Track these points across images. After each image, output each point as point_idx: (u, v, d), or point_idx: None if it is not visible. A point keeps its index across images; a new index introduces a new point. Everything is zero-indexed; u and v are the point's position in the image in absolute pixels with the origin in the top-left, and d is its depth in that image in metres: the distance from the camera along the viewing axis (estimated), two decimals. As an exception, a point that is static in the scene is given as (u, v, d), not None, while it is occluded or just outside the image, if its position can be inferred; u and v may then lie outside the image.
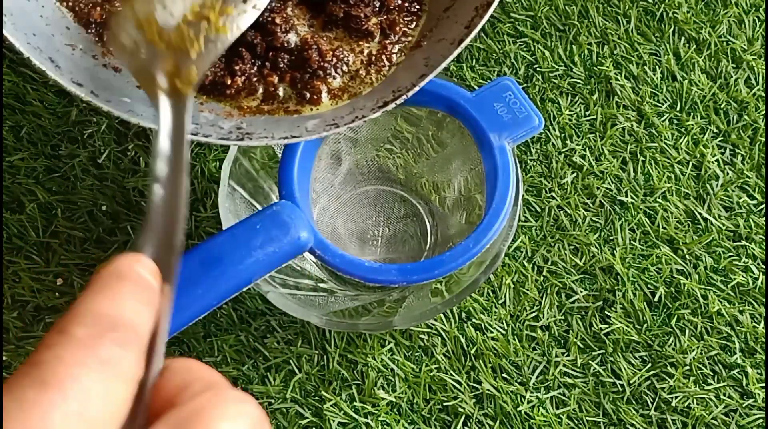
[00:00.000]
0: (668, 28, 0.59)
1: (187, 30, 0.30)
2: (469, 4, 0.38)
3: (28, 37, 0.33)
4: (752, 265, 0.51)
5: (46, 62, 0.33)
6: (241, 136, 0.35)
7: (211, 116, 0.36)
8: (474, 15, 0.37)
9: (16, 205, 0.50)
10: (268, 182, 0.47)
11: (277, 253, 0.37)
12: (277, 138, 0.35)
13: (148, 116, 0.33)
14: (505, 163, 0.42)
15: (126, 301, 0.19)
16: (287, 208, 0.39)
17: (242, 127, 0.36)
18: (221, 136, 0.34)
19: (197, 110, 0.37)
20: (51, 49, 0.34)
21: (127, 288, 0.19)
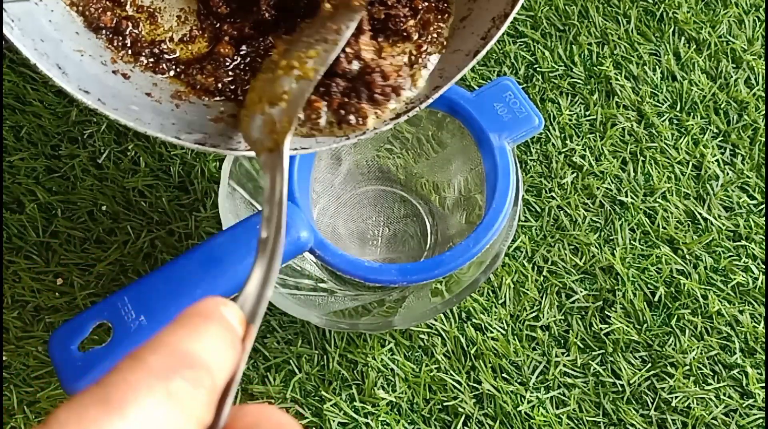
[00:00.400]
0: (668, 28, 0.59)
1: (277, 85, 0.31)
2: (485, 15, 0.38)
3: (36, 43, 0.33)
4: (752, 265, 0.51)
5: (54, 69, 0.32)
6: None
7: (221, 126, 0.36)
8: (491, 26, 0.37)
9: (16, 205, 0.50)
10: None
11: None
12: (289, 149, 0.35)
13: (155, 125, 0.33)
14: (505, 163, 0.42)
15: (207, 341, 0.19)
16: (287, 208, 0.39)
17: None
18: (230, 146, 0.34)
19: (208, 120, 0.36)
20: (59, 55, 0.34)
21: (211, 329, 0.19)
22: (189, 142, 0.33)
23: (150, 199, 0.51)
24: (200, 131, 0.34)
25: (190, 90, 0.38)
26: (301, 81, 0.31)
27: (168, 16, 0.39)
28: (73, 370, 0.34)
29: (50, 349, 0.35)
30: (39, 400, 0.45)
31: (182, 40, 0.39)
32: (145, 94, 0.36)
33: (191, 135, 0.33)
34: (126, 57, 0.37)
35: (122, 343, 0.34)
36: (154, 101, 0.36)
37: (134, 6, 0.39)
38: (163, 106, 0.36)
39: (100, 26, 0.37)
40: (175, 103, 0.36)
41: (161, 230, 0.50)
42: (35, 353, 0.47)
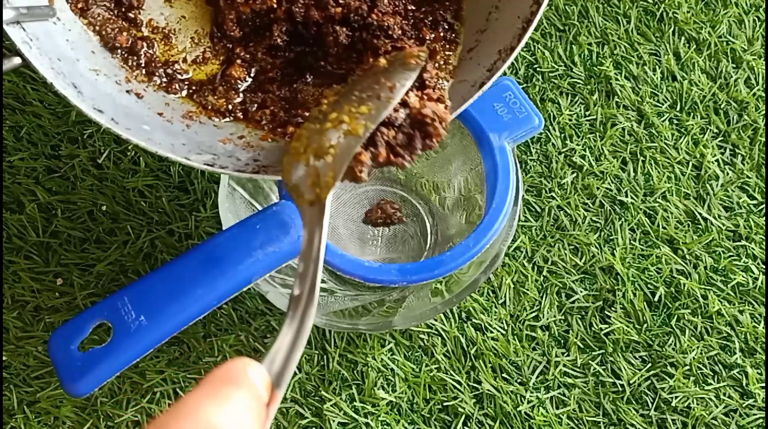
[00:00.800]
0: (668, 28, 0.59)
1: (325, 137, 0.30)
2: (492, 48, 0.38)
3: (53, 62, 0.33)
4: (752, 265, 0.51)
5: (69, 88, 0.32)
6: (257, 168, 0.34)
7: (230, 147, 0.36)
8: (497, 58, 0.37)
9: (16, 205, 0.50)
10: (268, 182, 0.47)
11: (276, 253, 0.37)
12: None
13: (165, 145, 0.33)
14: (505, 163, 0.42)
15: (232, 412, 0.18)
16: (287, 208, 0.39)
17: (259, 159, 0.35)
18: (238, 168, 0.34)
19: (218, 141, 0.36)
20: (75, 74, 0.34)
21: (237, 397, 0.19)
22: (198, 162, 0.33)
23: (150, 199, 0.51)
24: (209, 152, 0.34)
25: (201, 110, 0.38)
26: (350, 137, 0.30)
27: (182, 38, 0.40)
28: (73, 370, 0.34)
29: (50, 349, 0.35)
30: (39, 400, 0.45)
31: (195, 61, 0.40)
32: (157, 114, 0.36)
33: (201, 156, 0.34)
34: (140, 77, 0.38)
35: (122, 343, 0.34)
36: (166, 121, 0.36)
37: (150, 27, 0.39)
38: (174, 125, 0.36)
39: (116, 46, 0.37)
40: (186, 123, 0.37)
41: (161, 230, 0.50)
42: (35, 353, 0.47)
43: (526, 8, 0.36)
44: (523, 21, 0.36)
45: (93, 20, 0.37)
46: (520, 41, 0.36)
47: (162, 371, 0.46)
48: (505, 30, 0.37)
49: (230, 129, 0.38)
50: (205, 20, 0.40)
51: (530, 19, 0.36)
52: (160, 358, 0.47)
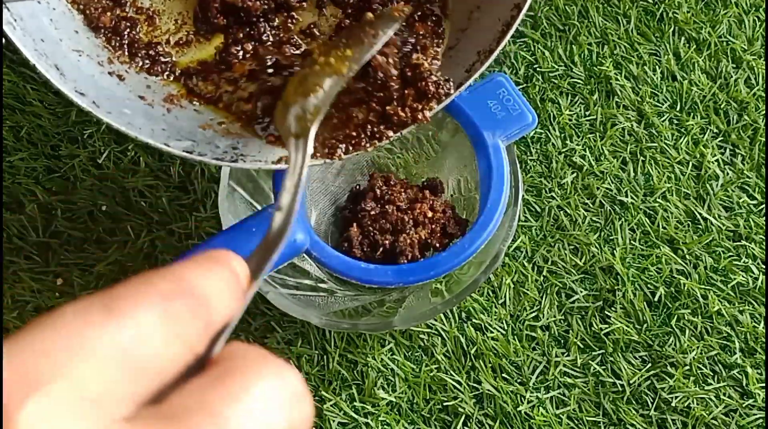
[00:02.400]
0: (668, 28, 0.59)
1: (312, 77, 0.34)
2: (471, 48, 0.38)
3: (36, 43, 0.33)
4: (752, 265, 0.51)
5: (52, 70, 0.32)
6: (236, 157, 0.35)
7: (209, 133, 0.36)
8: (475, 60, 0.37)
9: (16, 205, 0.50)
10: (268, 182, 0.47)
11: None
12: (270, 162, 0.35)
13: (146, 130, 0.33)
14: (500, 161, 0.42)
15: (214, 282, 0.19)
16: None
17: (237, 147, 0.36)
18: (216, 156, 0.34)
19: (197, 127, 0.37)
20: (58, 55, 0.34)
21: (220, 272, 0.20)
22: (177, 149, 0.33)
23: (150, 199, 0.51)
24: (189, 139, 0.34)
25: (184, 93, 0.38)
26: (335, 76, 0.34)
27: (166, 19, 0.40)
28: None
29: None
30: (39, 400, 0.45)
31: (178, 44, 0.39)
32: (138, 97, 0.36)
33: (180, 142, 0.34)
34: (122, 58, 0.38)
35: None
36: (147, 104, 0.36)
37: (134, 7, 0.39)
38: (154, 110, 0.36)
39: (99, 26, 0.37)
40: (166, 107, 0.36)
41: (161, 230, 0.50)
42: (35, 353, 0.47)
43: (506, 11, 0.37)
44: (503, 24, 0.37)
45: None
46: (499, 44, 0.37)
47: (162, 371, 0.46)
48: (485, 31, 0.38)
49: (210, 115, 0.38)
50: (190, 3, 0.40)
51: (510, 23, 0.37)
52: (160, 358, 0.47)
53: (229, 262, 0.21)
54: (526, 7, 0.36)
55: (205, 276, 0.19)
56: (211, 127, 0.36)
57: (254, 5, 0.38)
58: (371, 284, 0.40)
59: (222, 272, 0.20)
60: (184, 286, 0.18)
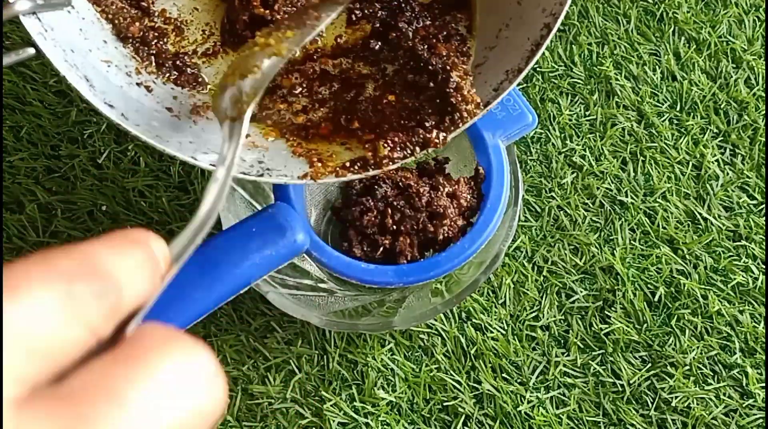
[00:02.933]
0: (668, 28, 0.59)
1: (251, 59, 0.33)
2: (500, 67, 0.37)
3: (66, 54, 0.33)
4: (752, 265, 0.51)
5: (81, 82, 0.32)
6: (262, 171, 0.35)
7: None
8: (504, 79, 0.37)
9: (16, 205, 0.50)
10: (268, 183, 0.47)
11: (273, 256, 0.37)
12: (296, 177, 0.35)
13: (173, 144, 0.33)
14: (500, 162, 0.42)
15: (126, 263, 0.18)
16: (283, 210, 0.39)
17: (263, 161, 0.36)
18: (243, 170, 0.34)
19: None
20: (87, 66, 0.34)
21: (134, 253, 0.19)
22: (205, 162, 0.33)
23: (150, 199, 0.51)
24: (216, 151, 0.34)
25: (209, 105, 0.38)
26: (274, 57, 0.33)
27: (194, 29, 0.40)
28: None
29: None
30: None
31: (205, 54, 0.40)
32: (165, 109, 0.36)
33: (207, 155, 0.34)
34: (150, 68, 0.38)
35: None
36: (174, 116, 0.36)
37: (162, 17, 0.39)
38: (181, 122, 0.36)
39: (128, 36, 0.37)
40: (193, 119, 0.37)
41: (161, 230, 0.50)
42: (35, 353, 0.47)
43: (536, 31, 0.36)
44: (532, 43, 0.36)
45: (106, 8, 0.37)
46: (528, 63, 0.36)
47: (162, 371, 0.46)
48: (514, 50, 0.37)
49: None
50: (218, 14, 0.40)
51: (540, 43, 0.36)
52: (160, 358, 0.47)
53: (147, 242, 0.19)
54: (556, 27, 0.35)
55: (115, 256, 0.18)
56: None
57: (282, 18, 0.38)
58: (371, 284, 0.40)
59: (136, 253, 0.19)
60: (90, 267, 0.17)
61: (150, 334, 0.18)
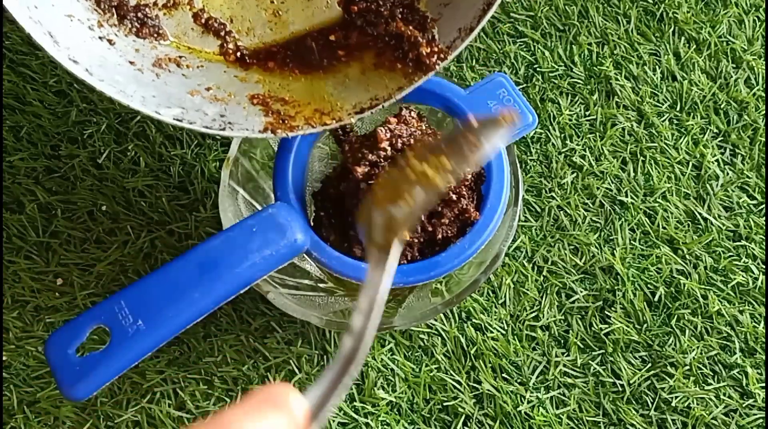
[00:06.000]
0: (668, 28, 0.59)
1: (405, 186, 0.31)
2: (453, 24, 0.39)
3: (30, 11, 0.33)
4: (752, 265, 0.51)
5: (46, 38, 0.33)
6: (224, 125, 0.35)
7: (197, 100, 0.37)
8: (456, 36, 0.38)
9: (16, 205, 0.50)
10: (268, 182, 0.47)
11: (273, 255, 0.37)
12: (256, 131, 0.36)
13: (137, 98, 0.34)
14: (499, 162, 0.42)
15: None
16: (283, 209, 0.39)
17: (225, 114, 0.36)
18: (205, 124, 0.35)
19: (186, 93, 0.37)
20: (50, 21, 0.34)
21: (276, 419, 0.19)
22: (168, 117, 0.33)
23: (150, 199, 0.51)
24: (178, 106, 0.35)
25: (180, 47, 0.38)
26: (429, 189, 0.31)
27: None
28: (71, 375, 0.34)
29: (47, 353, 0.34)
30: (39, 400, 0.45)
31: (165, 5, 0.40)
32: (128, 62, 0.37)
33: (170, 110, 0.34)
34: (111, 20, 0.38)
35: (120, 348, 0.34)
36: (137, 70, 0.36)
37: None
38: (144, 75, 0.36)
39: None
40: (155, 72, 0.37)
41: (161, 230, 0.50)
42: (35, 353, 0.47)
43: None
44: (484, 2, 0.37)
45: None
46: (480, 22, 0.37)
47: (162, 371, 0.46)
48: (467, 8, 0.38)
49: (198, 79, 0.38)
50: None
51: (491, 2, 0.37)
52: (160, 358, 0.47)
53: (287, 403, 0.20)
54: None
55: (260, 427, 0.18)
56: (199, 93, 0.37)
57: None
58: None
59: (279, 419, 0.19)
60: None
61: None
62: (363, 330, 0.23)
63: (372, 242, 0.30)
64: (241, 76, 0.40)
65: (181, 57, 0.40)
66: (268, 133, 0.36)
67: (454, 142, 0.33)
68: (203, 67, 0.40)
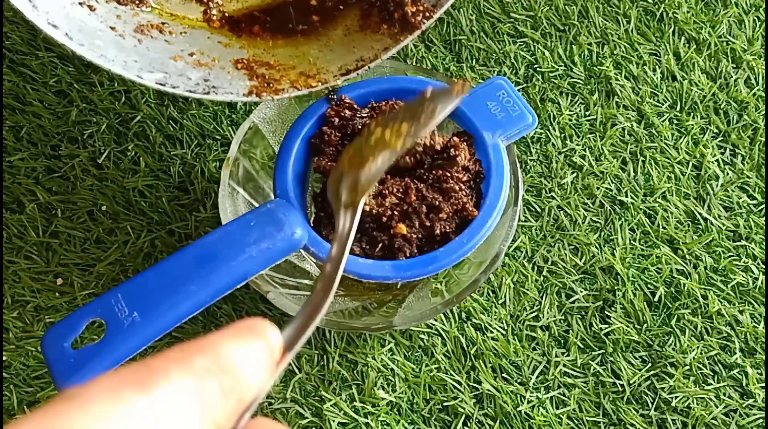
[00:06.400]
0: (668, 28, 0.59)
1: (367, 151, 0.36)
2: None
3: None
4: (752, 265, 0.51)
5: (24, 2, 0.32)
6: (207, 89, 0.35)
7: (181, 65, 0.36)
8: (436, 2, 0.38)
9: (16, 205, 0.50)
10: (268, 182, 0.47)
11: (270, 249, 0.37)
12: (241, 94, 0.36)
13: (118, 62, 0.33)
14: (499, 160, 0.42)
15: (250, 355, 0.20)
16: (282, 205, 0.39)
17: (209, 79, 0.36)
18: (189, 88, 0.35)
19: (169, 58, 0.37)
20: None
21: (257, 344, 0.20)
22: (150, 81, 0.33)
23: (150, 199, 0.51)
24: (161, 70, 0.34)
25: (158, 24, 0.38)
26: (388, 149, 0.35)
27: None
28: (65, 368, 0.34)
29: (43, 346, 0.35)
30: (39, 400, 0.45)
31: None
32: (109, 28, 0.36)
33: (152, 74, 0.34)
34: None
35: (115, 340, 0.34)
36: (118, 35, 0.36)
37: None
38: (126, 41, 0.36)
39: None
40: (137, 38, 0.37)
41: (161, 230, 0.50)
42: (35, 353, 0.47)
43: None
44: None
45: None
46: None
47: (162, 371, 0.46)
48: None
49: (181, 45, 0.38)
50: None
51: None
52: (160, 358, 0.47)
53: (265, 332, 0.21)
54: None
55: (242, 349, 0.20)
56: (182, 58, 0.37)
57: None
58: (369, 279, 0.40)
59: (257, 343, 0.20)
60: (221, 363, 0.19)
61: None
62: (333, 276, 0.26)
63: (340, 202, 0.33)
64: (225, 42, 0.40)
65: (163, 23, 0.39)
66: (253, 96, 0.36)
67: (411, 110, 0.37)
68: (186, 33, 0.40)
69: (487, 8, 0.59)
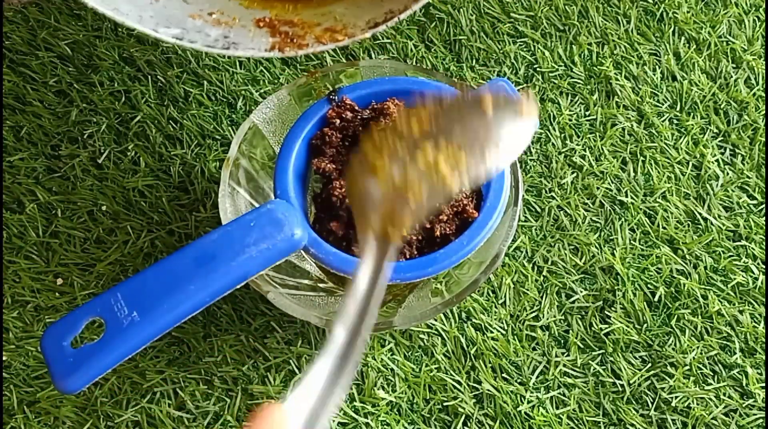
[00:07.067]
0: (668, 28, 0.59)
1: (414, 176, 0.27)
2: None
3: None
4: (752, 265, 0.51)
5: None
6: (228, 45, 0.34)
7: (199, 23, 0.35)
8: None
9: (16, 205, 0.50)
10: (268, 182, 0.47)
11: (270, 250, 0.37)
12: (263, 50, 0.34)
13: (133, 16, 0.32)
14: None
15: None
16: (282, 206, 0.39)
17: (229, 35, 0.35)
18: (207, 43, 0.33)
19: (187, 16, 0.35)
20: None
21: None
22: (167, 35, 0.32)
23: (150, 199, 0.51)
24: (178, 26, 0.33)
25: None
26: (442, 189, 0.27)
27: None
28: (64, 367, 0.34)
29: (42, 345, 0.35)
30: (39, 400, 0.45)
31: None
32: None
33: (169, 29, 0.33)
34: None
35: (114, 339, 0.34)
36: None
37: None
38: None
39: None
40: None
41: (161, 230, 0.50)
42: (35, 353, 0.47)
43: None
44: None
45: None
46: None
47: (162, 371, 0.46)
48: None
49: (200, 5, 0.37)
50: None
51: None
52: (160, 358, 0.47)
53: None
54: None
55: None
56: (201, 17, 0.35)
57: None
58: None
59: None
60: None
61: None
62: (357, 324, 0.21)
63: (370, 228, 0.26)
64: (246, 3, 0.39)
65: None
66: (275, 51, 0.34)
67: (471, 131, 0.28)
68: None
69: (487, 8, 0.59)
